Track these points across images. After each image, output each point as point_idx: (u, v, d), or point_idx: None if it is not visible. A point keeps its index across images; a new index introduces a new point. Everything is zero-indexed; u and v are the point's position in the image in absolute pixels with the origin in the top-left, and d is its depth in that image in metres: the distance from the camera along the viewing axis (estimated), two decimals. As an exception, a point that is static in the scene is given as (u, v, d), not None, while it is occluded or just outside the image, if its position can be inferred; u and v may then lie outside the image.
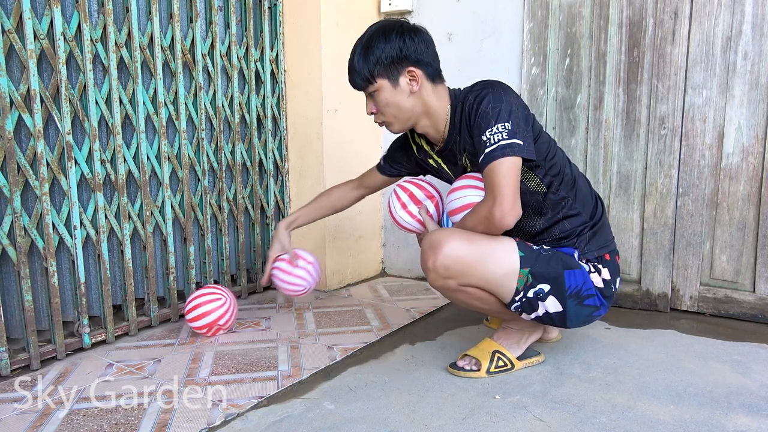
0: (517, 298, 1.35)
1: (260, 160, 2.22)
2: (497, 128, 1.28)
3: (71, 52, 1.58)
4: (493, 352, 1.46)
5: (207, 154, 1.99)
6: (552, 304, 1.36)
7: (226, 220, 2.09)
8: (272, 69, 2.23)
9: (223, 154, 2.05)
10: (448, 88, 1.47)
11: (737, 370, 1.46)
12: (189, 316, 1.73)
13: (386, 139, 2.45)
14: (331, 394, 1.37)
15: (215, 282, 2.05)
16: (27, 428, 1.22)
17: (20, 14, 1.45)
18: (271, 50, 2.22)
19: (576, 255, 1.40)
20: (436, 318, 1.93)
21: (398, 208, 1.55)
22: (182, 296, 1.99)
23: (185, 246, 1.94)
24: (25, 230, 1.49)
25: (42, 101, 1.52)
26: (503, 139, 1.27)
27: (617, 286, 1.47)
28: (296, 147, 2.29)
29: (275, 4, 2.21)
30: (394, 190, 1.58)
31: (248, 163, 2.17)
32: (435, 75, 1.42)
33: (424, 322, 1.88)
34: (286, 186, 2.34)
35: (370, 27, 1.41)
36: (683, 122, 1.85)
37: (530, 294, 1.34)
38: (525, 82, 2.08)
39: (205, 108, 1.97)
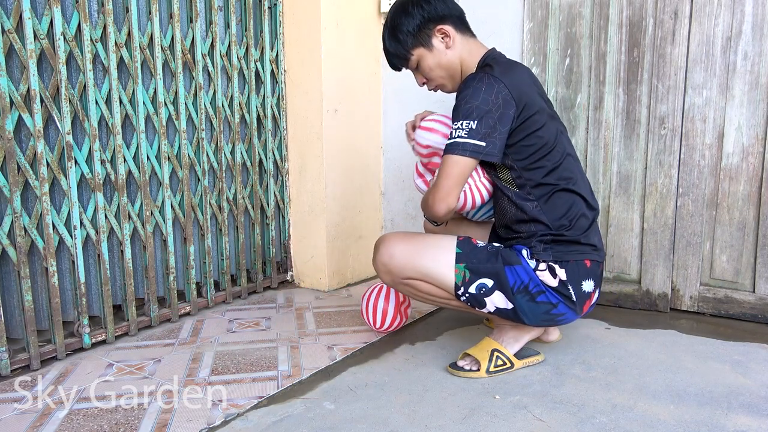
0: (459, 293, 1.40)
1: (260, 160, 2.22)
2: (461, 124, 1.33)
3: (71, 52, 1.58)
4: (492, 351, 1.46)
5: (207, 154, 1.99)
6: (499, 300, 1.39)
7: (226, 220, 2.09)
8: (272, 69, 2.23)
9: (223, 154, 2.05)
10: (484, 47, 1.50)
11: (737, 370, 1.46)
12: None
13: (386, 139, 2.45)
14: (331, 394, 1.37)
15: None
16: (27, 428, 1.22)
17: (20, 14, 1.45)
18: (271, 50, 2.22)
19: (525, 252, 1.39)
20: (436, 318, 1.93)
21: (416, 176, 1.67)
22: (182, 296, 1.99)
23: (185, 246, 1.94)
24: (25, 230, 1.49)
25: (42, 101, 1.52)
26: (460, 137, 1.32)
27: (586, 290, 1.41)
28: (296, 147, 2.29)
29: (275, 4, 2.21)
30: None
31: (248, 163, 2.17)
32: (461, 24, 1.48)
33: (424, 322, 1.88)
34: (286, 186, 2.34)
35: (389, 11, 1.49)
36: (683, 122, 1.85)
37: (472, 290, 1.38)
38: (525, 82, 2.08)
39: (205, 108, 1.97)
